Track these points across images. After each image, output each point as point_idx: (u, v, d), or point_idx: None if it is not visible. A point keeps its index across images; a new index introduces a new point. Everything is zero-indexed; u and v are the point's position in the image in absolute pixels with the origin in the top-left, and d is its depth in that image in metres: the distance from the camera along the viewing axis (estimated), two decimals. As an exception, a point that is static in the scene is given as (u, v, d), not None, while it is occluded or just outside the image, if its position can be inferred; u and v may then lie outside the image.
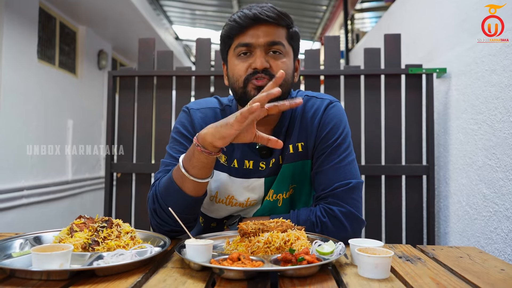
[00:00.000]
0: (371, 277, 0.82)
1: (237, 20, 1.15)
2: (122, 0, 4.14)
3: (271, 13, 1.14)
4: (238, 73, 1.16)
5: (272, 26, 1.15)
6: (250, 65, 1.15)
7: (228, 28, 1.18)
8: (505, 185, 1.56)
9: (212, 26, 7.07)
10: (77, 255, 0.89)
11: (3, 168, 3.26)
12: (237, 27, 1.15)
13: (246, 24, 1.14)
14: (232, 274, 0.80)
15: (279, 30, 1.16)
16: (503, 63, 1.60)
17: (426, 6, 2.47)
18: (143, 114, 2.26)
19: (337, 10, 5.69)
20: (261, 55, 1.14)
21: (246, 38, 1.15)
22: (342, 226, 1.12)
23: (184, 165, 1.07)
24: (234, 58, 1.19)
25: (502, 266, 0.94)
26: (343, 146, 1.20)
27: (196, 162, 1.04)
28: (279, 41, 1.15)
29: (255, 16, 1.13)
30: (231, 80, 1.20)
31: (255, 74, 1.14)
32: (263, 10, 1.13)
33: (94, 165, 5.08)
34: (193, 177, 1.06)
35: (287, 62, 1.18)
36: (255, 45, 1.14)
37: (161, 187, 1.13)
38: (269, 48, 1.15)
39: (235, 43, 1.17)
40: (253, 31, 1.14)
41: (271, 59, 1.15)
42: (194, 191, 1.09)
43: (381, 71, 2.15)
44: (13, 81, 3.36)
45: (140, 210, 2.23)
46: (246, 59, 1.16)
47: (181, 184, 1.08)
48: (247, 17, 1.13)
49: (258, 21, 1.13)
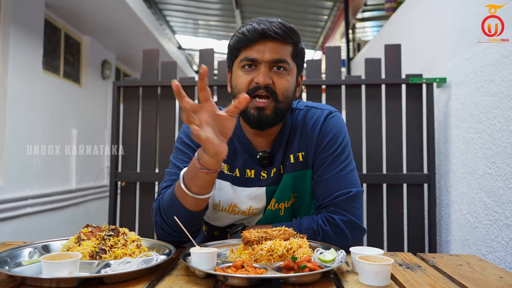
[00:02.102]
0: (372, 284, 0.84)
1: (245, 33, 1.16)
2: (126, 11, 4.20)
3: (279, 30, 1.14)
4: (241, 85, 1.18)
5: (279, 42, 1.16)
6: (253, 79, 1.17)
7: (236, 40, 1.19)
8: (505, 193, 1.58)
9: (214, 36, 7.14)
10: (85, 263, 0.91)
11: (9, 177, 3.29)
12: (245, 40, 1.16)
13: (253, 38, 1.15)
14: (236, 282, 0.82)
15: (285, 47, 1.18)
16: (502, 73, 1.62)
17: (426, 16, 2.50)
18: (147, 124, 2.29)
19: (338, 20, 5.75)
20: (265, 71, 1.16)
21: (252, 53, 1.16)
22: (343, 234, 1.14)
23: (185, 183, 1.07)
24: (238, 69, 1.20)
25: (501, 274, 0.95)
26: (343, 155, 1.23)
27: (199, 181, 1.05)
28: (284, 59, 1.17)
29: (263, 31, 1.14)
30: (233, 90, 1.23)
31: (257, 89, 1.16)
32: (272, 26, 1.14)
33: (98, 174, 5.11)
34: (195, 194, 1.07)
35: (290, 80, 1.20)
36: (260, 60, 1.16)
37: (164, 201, 1.15)
38: (273, 65, 1.17)
39: (242, 56, 1.19)
40: (259, 46, 1.16)
41: (275, 76, 1.17)
42: (195, 206, 1.10)
43: (381, 81, 2.18)
44: (19, 91, 3.41)
45: (144, 219, 2.25)
46: (249, 73, 1.18)
47: (183, 200, 1.10)
48: (255, 31, 1.15)
49: (265, 36, 1.14)
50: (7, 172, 3.27)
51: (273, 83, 1.16)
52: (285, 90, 1.18)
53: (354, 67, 4.65)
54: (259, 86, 1.15)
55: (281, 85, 1.17)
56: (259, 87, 1.15)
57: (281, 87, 1.17)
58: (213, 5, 5.63)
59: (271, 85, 1.16)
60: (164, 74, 2.32)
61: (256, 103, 1.16)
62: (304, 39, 6.75)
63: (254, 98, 1.17)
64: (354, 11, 4.93)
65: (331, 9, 5.49)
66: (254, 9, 5.66)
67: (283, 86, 1.17)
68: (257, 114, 1.16)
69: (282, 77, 1.18)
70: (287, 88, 1.18)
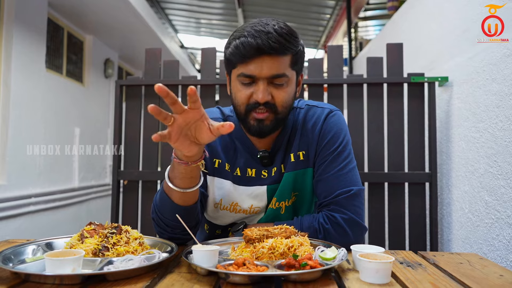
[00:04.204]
0: (372, 282, 0.84)
1: (240, 48, 1.11)
2: (129, 10, 4.21)
3: (276, 44, 1.08)
4: (240, 100, 1.17)
5: (277, 56, 1.11)
6: (252, 95, 1.15)
7: (231, 52, 1.15)
8: (506, 192, 1.58)
9: (216, 35, 7.15)
10: (88, 260, 0.92)
11: (12, 176, 3.31)
12: (240, 55, 1.12)
13: (249, 55, 1.10)
14: (237, 279, 0.83)
15: (284, 59, 1.13)
16: (504, 72, 1.62)
17: (428, 15, 2.50)
18: (149, 123, 2.30)
19: (340, 19, 5.74)
20: (264, 88, 1.13)
21: (249, 69, 1.12)
22: (345, 232, 1.15)
23: (169, 176, 1.09)
24: (237, 82, 1.17)
25: (501, 272, 0.96)
26: (344, 154, 1.23)
27: (177, 173, 1.05)
28: (282, 73, 1.13)
29: (258, 47, 1.08)
30: (233, 100, 1.21)
31: (256, 105, 1.14)
32: (269, 40, 1.08)
33: (100, 173, 5.13)
34: (177, 187, 1.07)
35: (289, 90, 1.17)
36: (258, 77, 1.13)
37: (157, 198, 1.17)
38: (272, 80, 1.14)
39: (239, 70, 1.15)
40: (256, 63, 1.11)
41: (273, 90, 1.14)
42: (181, 200, 1.10)
43: (383, 80, 2.18)
44: (22, 90, 3.43)
45: (146, 217, 2.26)
46: (248, 87, 1.15)
47: (169, 195, 1.11)
48: (251, 47, 1.09)
49: (262, 52, 1.09)
50: (10, 170, 3.29)
51: (272, 98, 1.14)
52: (284, 102, 1.17)
53: (356, 66, 4.65)
54: (259, 103, 1.14)
55: (280, 98, 1.15)
56: (259, 103, 1.14)
57: (280, 100, 1.15)
58: (215, 4, 5.63)
59: (270, 101, 1.14)
60: (167, 73, 2.33)
61: (256, 115, 1.15)
62: (306, 38, 6.75)
63: (253, 109, 1.16)
64: (357, 10, 4.93)
65: (333, 8, 5.49)
66: (256, 8, 5.66)
67: (282, 99, 1.16)
68: (257, 125, 1.16)
69: (281, 90, 1.15)
70: (286, 100, 1.17)
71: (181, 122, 0.95)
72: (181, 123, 0.95)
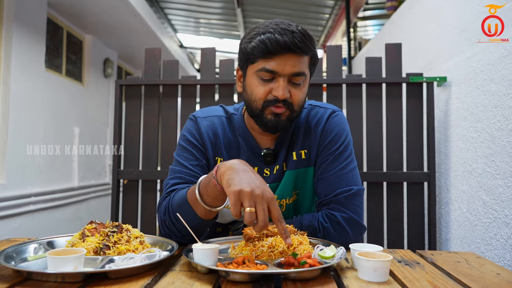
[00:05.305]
0: (371, 280, 0.85)
1: (266, 43, 1.11)
2: (128, 10, 4.21)
3: (301, 43, 1.11)
4: (258, 95, 1.17)
5: (299, 55, 1.13)
6: (271, 91, 1.15)
7: (255, 46, 1.14)
8: (504, 192, 1.59)
9: (216, 34, 7.15)
10: (90, 259, 0.93)
11: (11, 175, 3.31)
12: (265, 50, 1.12)
13: (274, 51, 1.11)
14: (237, 277, 0.84)
15: (304, 59, 1.15)
16: (501, 72, 1.63)
17: (427, 15, 2.51)
18: (149, 122, 2.31)
19: (339, 18, 5.75)
20: (284, 85, 1.13)
21: (272, 65, 1.13)
22: (344, 231, 1.16)
23: (200, 189, 1.07)
24: (255, 77, 1.17)
25: (498, 270, 0.97)
26: (345, 153, 1.24)
27: (210, 192, 1.05)
28: (303, 71, 1.15)
29: (286, 44, 1.10)
30: (248, 96, 1.21)
31: (275, 102, 1.15)
32: (295, 38, 1.10)
33: (100, 172, 5.14)
34: (206, 204, 1.07)
35: (305, 90, 1.19)
36: (280, 73, 1.13)
37: (174, 203, 1.15)
38: (292, 78, 1.15)
39: (259, 65, 1.15)
40: (280, 59, 1.12)
41: (292, 89, 1.16)
42: (204, 215, 1.11)
43: (382, 80, 2.19)
44: (21, 89, 3.43)
45: (146, 216, 2.27)
46: (267, 83, 1.16)
47: (194, 206, 1.10)
48: (278, 43, 1.10)
49: (287, 50, 1.11)
50: (10, 170, 3.29)
51: (290, 96, 1.16)
52: (300, 101, 1.18)
53: (355, 65, 4.66)
54: (278, 99, 1.15)
55: (298, 97, 1.17)
56: (278, 100, 1.15)
57: (297, 99, 1.17)
58: (215, 3, 5.64)
59: (288, 98, 1.15)
60: (166, 72, 2.33)
61: (274, 109, 1.16)
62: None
63: (271, 105, 1.16)
64: (356, 10, 4.94)
65: (332, 7, 5.49)
66: (255, 7, 5.66)
67: (299, 98, 1.17)
68: (275, 119, 1.17)
69: (299, 89, 1.17)
70: (302, 99, 1.19)
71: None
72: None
